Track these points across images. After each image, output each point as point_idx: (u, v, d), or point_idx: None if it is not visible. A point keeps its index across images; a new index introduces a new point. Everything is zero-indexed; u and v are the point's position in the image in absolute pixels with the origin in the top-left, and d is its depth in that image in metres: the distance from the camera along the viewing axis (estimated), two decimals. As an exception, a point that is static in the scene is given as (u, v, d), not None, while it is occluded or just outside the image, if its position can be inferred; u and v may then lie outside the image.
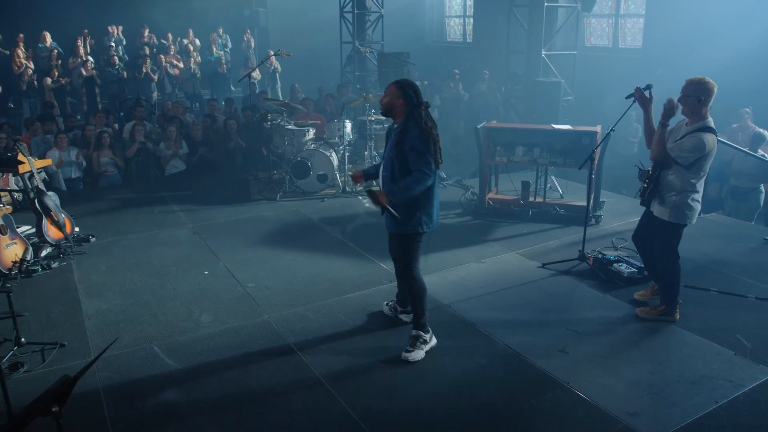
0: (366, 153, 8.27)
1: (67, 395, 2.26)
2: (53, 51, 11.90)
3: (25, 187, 6.25)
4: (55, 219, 5.84)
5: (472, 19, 15.85)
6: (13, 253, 5.22)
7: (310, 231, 6.55)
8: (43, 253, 5.78)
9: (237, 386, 3.74)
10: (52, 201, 5.90)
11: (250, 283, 5.20)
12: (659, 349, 4.11)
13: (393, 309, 4.50)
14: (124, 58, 13.08)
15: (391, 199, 3.73)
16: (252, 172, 8.81)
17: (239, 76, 9.26)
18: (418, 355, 3.98)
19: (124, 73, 12.22)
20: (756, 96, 8.62)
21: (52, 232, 5.83)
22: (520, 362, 3.96)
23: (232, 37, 14.64)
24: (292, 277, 5.30)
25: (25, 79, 11.19)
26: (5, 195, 6.86)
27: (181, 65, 13.14)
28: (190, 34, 14.12)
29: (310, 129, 8.14)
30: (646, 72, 9.06)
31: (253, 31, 14.99)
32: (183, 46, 13.88)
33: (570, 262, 5.43)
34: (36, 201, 5.78)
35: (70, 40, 12.29)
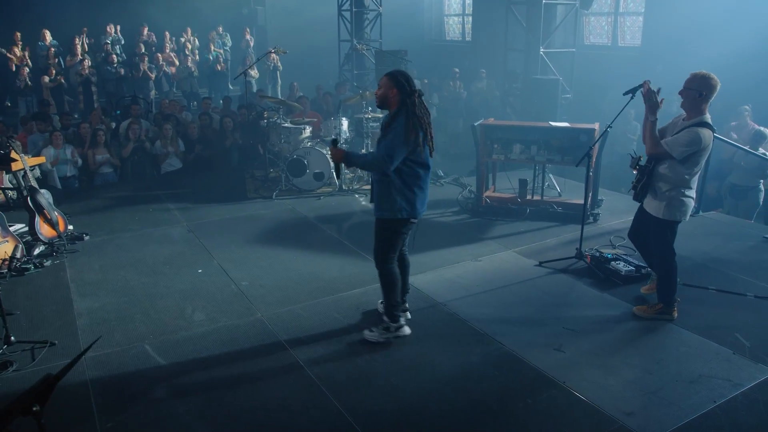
0: (363, 151, 8.21)
1: (49, 394, 2.21)
2: (50, 49, 11.86)
3: (18, 184, 6.21)
4: (48, 217, 5.80)
5: (471, 18, 15.85)
6: (3, 251, 5.17)
7: (305, 229, 6.50)
8: (36, 252, 5.72)
9: (228, 385, 3.70)
10: (45, 199, 5.85)
11: (244, 281, 5.15)
12: (657, 347, 4.06)
13: (388, 307, 4.44)
14: (122, 56, 13.03)
15: (344, 159, 3.87)
16: (248, 171, 8.76)
17: (244, 78, 9.18)
18: (376, 338, 4.12)
19: (121, 71, 12.17)
20: (755, 93, 8.59)
21: (45, 230, 5.78)
22: (516, 361, 3.91)
23: (231, 35, 14.59)
24: (286, 276, 5.25)
25: (21, 78, 11.14)
26: (-1, 193, 6.82)
27: (176, 62, 13.07)
28: (188, 33, 14.08)
29: (307, 127, 8.08)
30: (646, 70, 8.99)
31: (251, 30, 14.94)
32: (181, 45, 13.83)
33: (567, 260, 5.38)
34: (29, 199, 5.73)
35: (69, 39, 12.24)
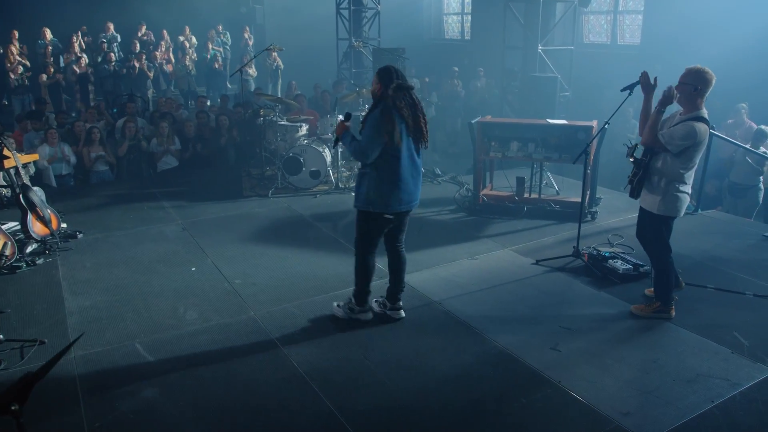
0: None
1: (28, 393, 2.15)
2: (47, 48, 11.80)
3: (11, 182, 6.15)
4: (41, 215, 5.74)
5: (470, 17, 15.81)
6: (-6, 249, 5.12)
7: (300, 227, 6.44)
8: (29, 250, 5.66)
9: (219, 384, 3.64)
10: (37, 196, 5.79)
11: (237, 279, 5.09)
12: (654, 346, 4.00)
13: (382, 305, 4.40)
14: (120, 55, 12.98)
15: (341, 136, 4.11)
16: (245, 169, 8.70)
17: (240, 75, 9.12)
18: (339, 313, 4.33)
19: (123, 71, 12.11)
20: (754, 92, 8.54)
21: (38, 228, 5.72)
22: (511, 360, 3.86)
23: (229, 34, 14.54)
24: (280, 274, 5.19)
25: (15, 77, 11.07)
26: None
27: (172, 60, 13.02)
28: (186, 31, 14.02)
29: (303, 125, 8.02)
30: (645, 69, 8.92)
31: (250, 29, 14.89)
32: (179, 43, 13.78)
33: (564, 258, 5.32)
34: (21, 196, 5.67)
35: (68, 37, 12.19)
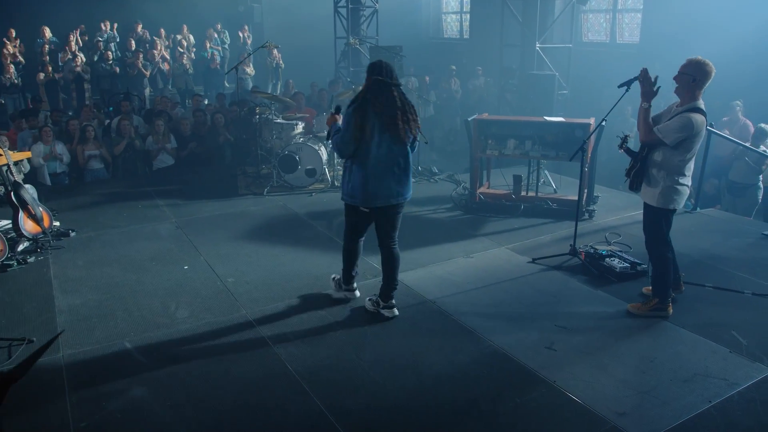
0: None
1: (4, 394, 2.11)
2: (44, 46, 11.74)
3: (2, 180, 6.10)
4: (32, 212, 5.67)
5: (468, 16, 15.76)
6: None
7: (295, 226, 6.38)
8: (20, 248, 5.60)
9: (208, 383, 3.58)
10: (29, 194, 5.72)
11: (230, 278, 5.03)
12: (651, 346, 3.94)
13: (375, 303, 4.34)
14: (117, 53, 12.93)
15: (330, 128, 4.23)
16: (240, 167, 8.65)
17: (232, 72, 9.09)
18: (334, 293, 4.60)
19: (116, 69, 12.06)
20: (754, 90, 8.49)
21: (29, 226, 5.66)
22: (506, 359, 3.80)
23: (228, 33, 14.49)
24: (273, 272, 5.14)
25: (7, 76, 11.00)
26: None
27: (168, 59, 12.96)
28: (184, 30, 13.97)
29: (299, 123, 7.96)
30: (644, 68, 8.88)
31: (248, 27, 14.83)
32: (176, 42, 13.72)
33: (561, 257, 5.27)
34: (12, 194, 5.61)
35: (66, 36, 12.14)
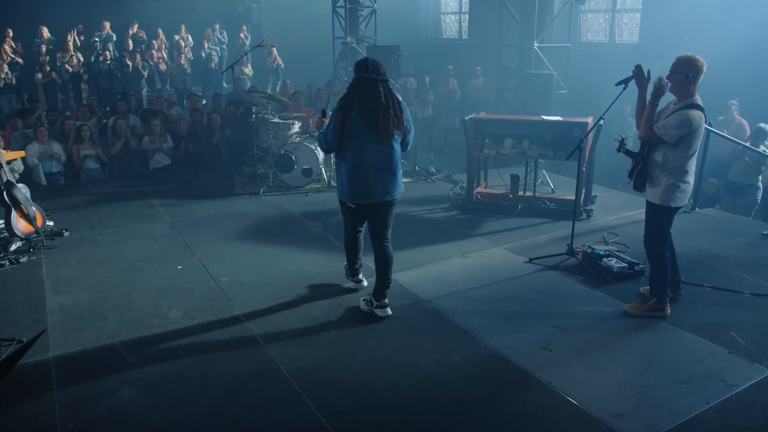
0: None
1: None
2: (40, 46, 11.70)
3: (-5, 179, 6.05)
4: (25, 212, 5.63)
5: (467, 16, 15.72)
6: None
7: (290, 225, 6.33)
8: (13, 248, 5.56)
9: (198, 384, 3.53)
10: (21, 194, 5.68)
11: (224, 277, 4.98)
12: (648, 346, 3.89)
13: (369, 303, 4.29)
14: (115, 53, 12.88)
15: (318, 128, 4.31)
16: (237, 167, 8.60)
17: (230, 72, 9.04)
18: (350, 285, 4.72)
19: (116, 73, 12.01)
20: (753, 89, 8.43)
21: (22, 226, 5.62)
22: (501, 360, 3.74)
23: (227, 33, 14.44)
24: (267, 272, 5.08)
25: (1, 75, 10.95)
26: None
27: (165, 58, 12.92)
28: (182, 30, 13.92)
29: (295, 122, 7.91)
30: (643, 67, 8.84)
31: (246, 27, 14.79)
32: (174, 42, 13.68)
33: (558, 257, 5.21)
34: (5, 193, 5.57)
35: (64, 36, 12.09)
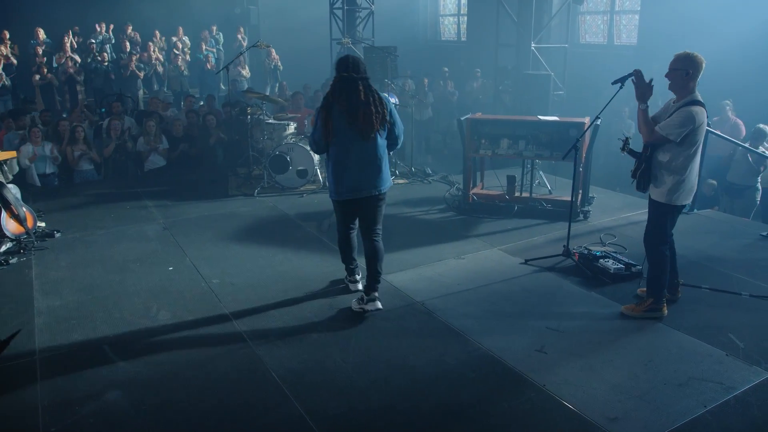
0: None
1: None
2: (36, 48, 11.66)
3: (-14, 180, 5.99)
4: (15, 213, 5.57)
5: (466, 18, 15.69)
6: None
7: (284, 227, 6.26)
8: (2, 249, 5.49)
9: (186, 387, 3.46)
10: (11, 194, 5.62)
11: (215, 279, 4.91)
12: (645, 349, 3.82)
13: (360, 300, 4.25)
14: (113, 55, 12.84)
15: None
16: (232, 168, 8.54)
17: (226, 73, 9.01)
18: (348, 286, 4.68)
19: (111, 76, 11.97)
20: (752, 90, 8.39)
21: (12, 227, 5.55)
22: (494, 362, 3.67)
23: (223, 35, 14.41)
24: (259, 273, 5.02)
25: None
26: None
27: (161, 59, 12.88)
28: (180, 32, 13.89)
29: (291, 123, 7.85)
30: (642, 68, 8.79)
31: (243, 29, 14.76)
32: (171, 44, 13.64)
33: (554, 258, 5.14)
34: (-6, 193, 5.51)
35: (60, 37, 12.06)
